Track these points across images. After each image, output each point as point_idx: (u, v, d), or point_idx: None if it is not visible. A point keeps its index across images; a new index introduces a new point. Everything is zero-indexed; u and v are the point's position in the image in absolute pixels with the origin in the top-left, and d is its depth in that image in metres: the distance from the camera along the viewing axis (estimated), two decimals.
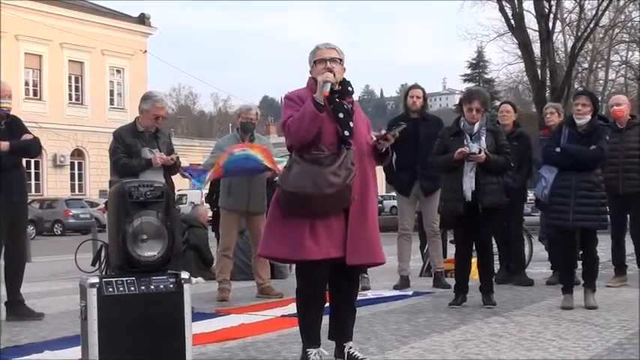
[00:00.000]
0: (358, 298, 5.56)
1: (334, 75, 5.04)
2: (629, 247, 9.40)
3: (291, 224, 4.96)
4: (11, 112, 7.80)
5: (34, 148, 7.90)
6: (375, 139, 5.20)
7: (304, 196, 4.86)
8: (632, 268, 9.57)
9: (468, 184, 7.64)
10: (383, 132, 5.24)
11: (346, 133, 5.01)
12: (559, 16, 36.24)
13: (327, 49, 5.19)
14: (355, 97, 5.42)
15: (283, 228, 5.01)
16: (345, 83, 5.19)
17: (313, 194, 4.85)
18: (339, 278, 5.15)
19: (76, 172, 45.72)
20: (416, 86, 9.50)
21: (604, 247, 8.84)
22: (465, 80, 63.72)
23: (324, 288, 5.16)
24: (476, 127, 7.74)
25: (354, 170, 4.96)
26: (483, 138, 7.72)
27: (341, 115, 5.03)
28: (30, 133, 7.87)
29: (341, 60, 5.19)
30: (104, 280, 4.99)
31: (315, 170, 4.89)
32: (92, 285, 4.90)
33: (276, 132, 72.30)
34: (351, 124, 5.06)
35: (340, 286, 5.21)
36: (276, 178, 6.99)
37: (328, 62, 5.11)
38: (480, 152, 7.58)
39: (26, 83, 42.80)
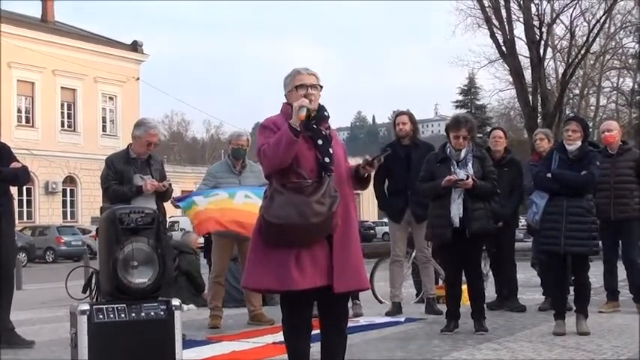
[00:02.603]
0: (350, 324, 5.53)
1: (310, 101, 4.96)
2: (621, 273, 9.39)
3: (275, 254, 4.87)
4: (1, 139, 7.79)
5: (23, 177, 7.87)
6: (361, 164, 5.16)
7: (289, 226, 4.78)
8: (624, 294, 9.56)
9: (456, 210, 7.63)
10: (368, 158, 5.19)
11: (327, 159, 4.94)
12: (550, 42, 36.52)
13: (308, 74, 5.09)
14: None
15: (267, 258, 4.91)
16: (320, 109, 5.09)
17: (299, 224, 4.77)
18: (327, 305, 5.09)
19: (68, 198, 45.61)
20: (402, 112, 9.51)
21: (596, 272, 8.83)
22: (456, 107, 63.93)
23: (310, 316, 5.10)
24: (462, 153, 7.75)
25: (338, 197, 4.92)
26: (470, 164, 7.73)
27: (320, 142, 4.96)
28: (18, 162, 7.85)
29: (321, 86, 5.12)
30: (95, 307, 4.98)
31: (299, 199, 4.81)
32: (83, 312, 4.89)
33: None
34: (331, 150, 5.00)
35: (328, 314, 5.13)
36: None
37: (309, 88, 5.03)
38: (467, 179, 7.59)
39: (19, 110, 42.80)
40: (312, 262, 4.86)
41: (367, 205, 56.35)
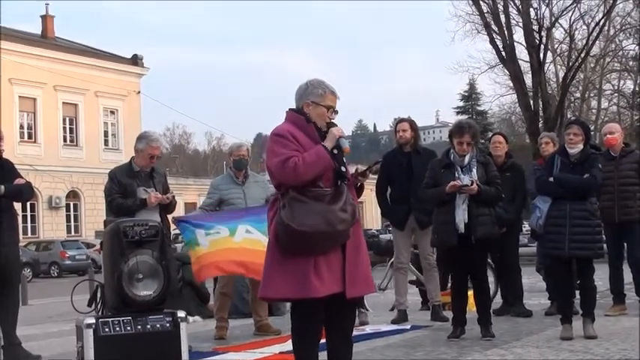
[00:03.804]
0: (356, 333, 5.53)
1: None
2: (627, 275, 9.37)
3: (294, 263, 4.89)
4: (4, 155, 7.82)
5: (27, 193, 7.91)
6: (352, 174, 5.20)
7: (316, 234, 4.82)
8: (630, 296, 9.53)
9: (461, 216, 7.63)
10: (360, 168, 5.23)
11: (343, 169, 5.01)
12: (550, 46, 36.49)
13: (336, 97, 5.18)
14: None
15: (285, 267, 4.93)
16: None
17: (326, 232, 4.82)
18: (335, 312, 5.10)
19: (72, 213, 45.63)
20: (402, 120, 9.51)
21: (601, 275, 8.82)
22: (457, 113, 63.83)
23: (321, 325, 5.11)
24: (466, 159, 7.76)
25: (355, 205, 4.97)
26: (474, 170, 7.74)
27: (335, 152, 5.03)
28: (22, 177, 7.88)
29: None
30: (100, 320, 4.99)
31: (322, 208, 4.86)
32: (88, 326, 4.89)
33: None
34: (344, 159, 5.06)
35: (337, 320, 5.15)
36: None
37: (332, 113, 5.13)
38: (472, 184, 7.59)
39: (21, 126, 42.84)
40: (328, 269, 4.91)
41: (370, 213, 56.30)
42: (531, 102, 33.00)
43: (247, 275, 8.47)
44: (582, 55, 34.22)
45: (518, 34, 33.27)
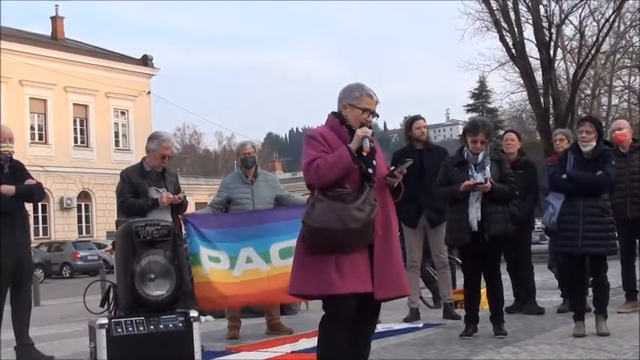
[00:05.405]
0: None
1: (369, 127, 5.09)
2: None
3: (316, 260, 4.93)
4: (15, 157, 7.85)
5: (37, 193, 7.94)
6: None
7: (329, 231, 4.85)
8: None
9: (474, 213, 7.62)
10: (391, 168, 5.23)
11: (370, 170, 5.02)
12: (560, 43, 36.37)
13: (374, 100, 5.20)
14: None
15: (309, 265, 4.98)
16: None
17: (338, 229, 4.84)
18: (361, 313, 5.08)
19: (83, 214, 45.75)
20: (418, 117, 9.53)
21: (614, 272, 8.78)
22: (468, 111, 63.55)
23: (349, 324, 5.07)
24: (480, 157, 7.74)
25: (377, 205, 4.96)
26: (488, 167, 7.72)
27: (364, 154, 5.05)
28: (32, 178, 7.91)
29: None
30: (113, 320, 5.00)
31: (339, 206, 4.89)
32: (101, 326, 4.90)
33: (282, 168, 72.43)
34: (375, 161, 5.08)
35: (361, 321, 5.13)
36: None
37: (370, 115, 5.14)
38: (485, 182, 7.57)
39: (32, 127, 42.97)
40: (351, 269, 4.91)
41: None
42: (542, 99, 32.84)
43: (247, 304, 8.60)
44: (592, 51, 34.04)
45: (528, 32, 33.15)
